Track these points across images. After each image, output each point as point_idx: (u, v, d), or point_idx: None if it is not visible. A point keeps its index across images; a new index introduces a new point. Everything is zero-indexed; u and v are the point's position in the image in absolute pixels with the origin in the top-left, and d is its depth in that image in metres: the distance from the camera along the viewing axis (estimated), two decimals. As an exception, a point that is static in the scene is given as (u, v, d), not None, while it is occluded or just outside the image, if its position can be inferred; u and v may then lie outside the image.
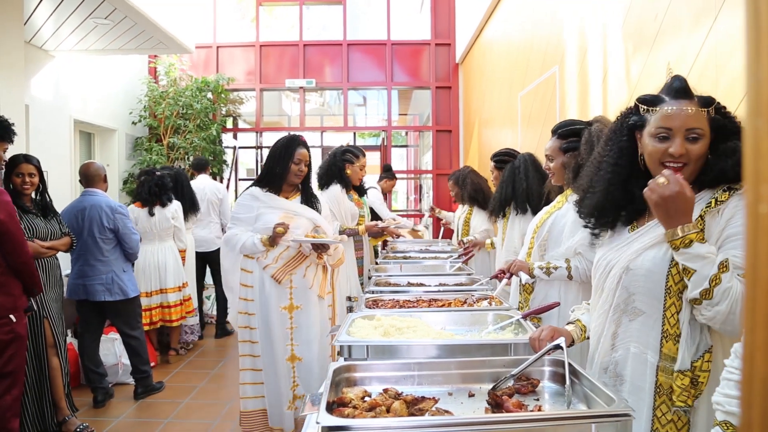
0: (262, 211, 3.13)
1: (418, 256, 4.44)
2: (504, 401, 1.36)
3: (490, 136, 6.42)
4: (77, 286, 4.07)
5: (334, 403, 1.35)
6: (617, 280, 1.50)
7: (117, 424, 3.80)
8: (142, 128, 7.58)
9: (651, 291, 1.43)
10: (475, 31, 6.78)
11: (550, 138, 2.46)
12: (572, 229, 2.30)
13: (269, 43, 8.27)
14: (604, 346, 1.55)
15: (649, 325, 1.44)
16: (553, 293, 2.39)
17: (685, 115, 1.40)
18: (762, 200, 0.37)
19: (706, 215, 1.38)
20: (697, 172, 1.43)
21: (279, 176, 3.16)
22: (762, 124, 0.37)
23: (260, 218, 3.12)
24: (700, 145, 1.40)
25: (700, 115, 1.40)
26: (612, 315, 1.52)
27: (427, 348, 1.77)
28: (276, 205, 3.15)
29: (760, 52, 0.36)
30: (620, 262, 1.50)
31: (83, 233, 4.01)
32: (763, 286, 0.37)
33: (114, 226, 4.07)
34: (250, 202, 3.16)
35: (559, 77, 4.01)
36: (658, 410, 1.41)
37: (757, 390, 0.37)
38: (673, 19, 2.52)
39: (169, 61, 7.50)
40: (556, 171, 2.43)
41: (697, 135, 1.39)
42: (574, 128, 2.37)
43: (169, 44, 5.68)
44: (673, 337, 1.39)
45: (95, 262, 4.06)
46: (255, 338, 3.18)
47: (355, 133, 9.17)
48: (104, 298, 4.06)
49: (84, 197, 4.14)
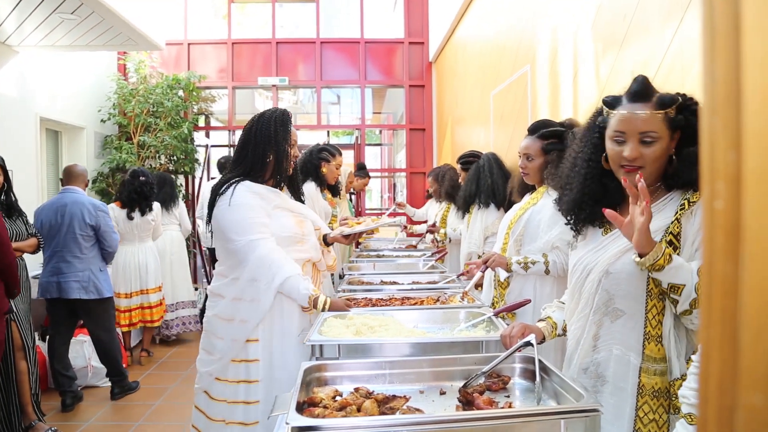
0: (273, 213, 2.29)
1: (391, 255, 4.45)
2: (475, 398, 1.36)
3: (463, 134, 6.45)
4: (50, 284, 3.98)
5: (305, 403, 1.34)
6: (596, 283, 1.51)
7: (87, 428, 3.73)
8: (112, 126, 7.43)
9: (632, 294, 1.44)
10: (448, 29, 6.81)
11: (526, 136, 2.46)
12: (549, 224, 2.34)
13: (241, 41, 8.18)
14: (585, 347, 1.55)
15: (630, 326, 1.45)
16: (528, 288, 2.41)
17: (638, 119, 1.41)
18: (717, 196, 0.37)
19: (682, 217, 1.39)
20: (659, 173, 1.45)
21: (276, 165, 2.32)
22: (717, 122, 0.37)
23: (273, 222, 2.28)
24: (655, 148, 1.40)
25: (654, 118, 1.40)
26: (593, 317, 1.53)
27: (398, 346, 1.77)
28: (286, 205, 2.35)
29: (715, 51, 0.36)
30: (599, 265, 1.51)
31: (62, 229, 3.96)
32: (719, 282, 0.38)
33: (96, 223, 4.04)
34: (257, 201, 2.25)
35: (530, 76, 4.05)
36: (641, 410, 1.42)
37: (713, 386, 0.38)
38: (641, 20, 2.56)
39: (139, 58, 7.36)
40: (532, 171, 2.43)
41: (651, 138, 1.40)
42: (556, 130, 2.39)
43: (139, 41, 5.57)
44: (654, 338, 1.41)
45: (72, 258, 3.99)
46: (253, 397, 2.20)
47: (328, 132, 9.13)
48: (79, 296, 3.98)
49: (65, 194, 4.09)
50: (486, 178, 3.48)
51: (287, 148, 2.32)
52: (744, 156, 0.36)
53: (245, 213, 2.20)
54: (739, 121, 0.35)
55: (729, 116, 0.36)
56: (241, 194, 2.23)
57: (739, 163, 0.36)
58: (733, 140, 0.36)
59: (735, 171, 0.36)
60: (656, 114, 1.40)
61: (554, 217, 2.26)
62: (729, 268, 0.37)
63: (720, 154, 0.37)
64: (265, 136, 2.30)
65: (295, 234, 2.31)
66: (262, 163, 2.30)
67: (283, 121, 2.34)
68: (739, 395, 0.36)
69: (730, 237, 0.37)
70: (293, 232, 2.31)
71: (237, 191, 2.23)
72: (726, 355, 0.37)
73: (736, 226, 0.36)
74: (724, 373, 0.37)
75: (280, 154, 2.30)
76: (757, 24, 0.34)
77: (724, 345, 0.37)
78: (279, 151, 2.30)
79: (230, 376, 2.22)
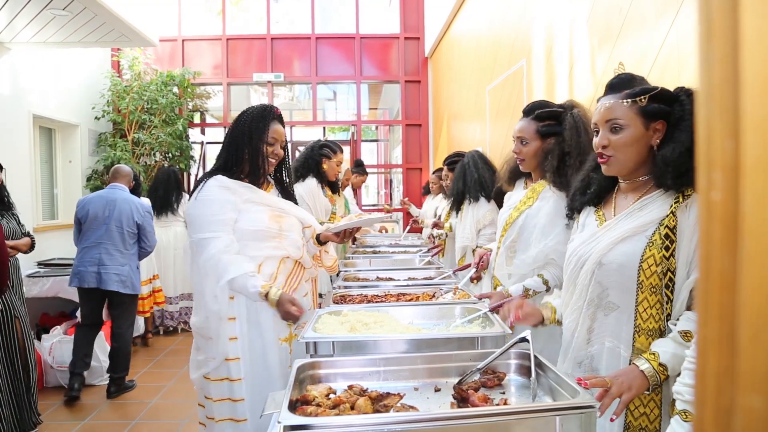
0: (244, 207, 2.22)
1: (387, 251, 4.43)
2: (469, 395, 1.35)
3: (459, 129, 6.43)
4: (89, 273, 4.05)
5: (298, 402, 1.33)
6: (590, 275, 1.50)
7: (84, 426, 3.71)
8: (106, 123, 7.40)
9: (624, 285, 1.43)
10: (443, 24, 6.78)
11: (521, 119, 2.28)
12: (543, 231, 2.17)
13: (236, 37, 8.15)
14: (579, 340, 1.55)
15: (623, 320, 1.45)
16: None
17: (604, 109, 1.47)
18: (714, 187, 0.35)
19: (677, 210, 1.38)
20: (636, 163, 1.46)
21: (251, 162, 2.26)
22: (714, 108, 0.35)
23: (243, 217, 2.22)
24: (621, 135, 1.44)
25: (618, 106, 1.44)
26: (587, 310, 1.52)
27: (393, 343, 1.75)
28: (260, 200, 2.26)
29: (711, 31, 0.34)
30: (592, 257, 1.50)
31: (109, 223, 4.12)
32: (716, 277, 0.36)
33: (142, 222, 4.26)
34: (225, 196, 2.20)
35: (526, 71, 4.03)
36: (631, 404, 1.41)
37: (710, 386, 0.36)
38: (637, 13, 2.54)
39: (133, 55, 7.33)
40: (528, 156, 2.22)
41: (618, 125, 1.44)
42: (553, 110, 2.19)
43: (132, 37, 5.54)
44: (645, 332, 1.40)
45: (116, 252, 4.13)
46: (238, 395, 2.18)
47: (324, 128, 9.11)
48: (117, 289, 4.09)
49: (114, 190, 4.28)
50: (472, 173, 3.55)
51: (262, 146, 2.26)
52: (742, 144, 0.34)
53: (205, 209, 2.18)
54: (737, 107, 0.33)
55: (726, 102, 0.34)
56: (209, 189, 2.20)
57: (737, 152, 0.34)
58: (730, 128, 0.34)
59: (733, 160, 0.34)
60: (621, 102, 1.44)
61: (550, 224, 2.13)
62: (727, 263, 0.35)
63: (717, 142, 0.35)
64: (241, 132, 2.27)
65: (268, 228, 2.24)
66: (236, 159, 2.27)
67: (261, 117, 2.28)
68: (737, 396, 0.34)
69: (728, 230, 0.35)
70: (266, 226, 2.23)
71: (206, 186, 2.21)
72: (724, 353, 0.35)
73: (735, 218, 0.34)
74: (721, 372, 0.35)
75: (254, 151, 2.25)
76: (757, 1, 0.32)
77: (721, 343, 0.36)
78: (253, 148, 2.25)
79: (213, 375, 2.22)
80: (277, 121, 2.32)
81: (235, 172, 2.27)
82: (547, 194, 2.18)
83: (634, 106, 1.43)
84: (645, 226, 1.39)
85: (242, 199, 2.21)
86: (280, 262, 2.26)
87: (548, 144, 2.17)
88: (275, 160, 2.33)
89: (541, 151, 2.18)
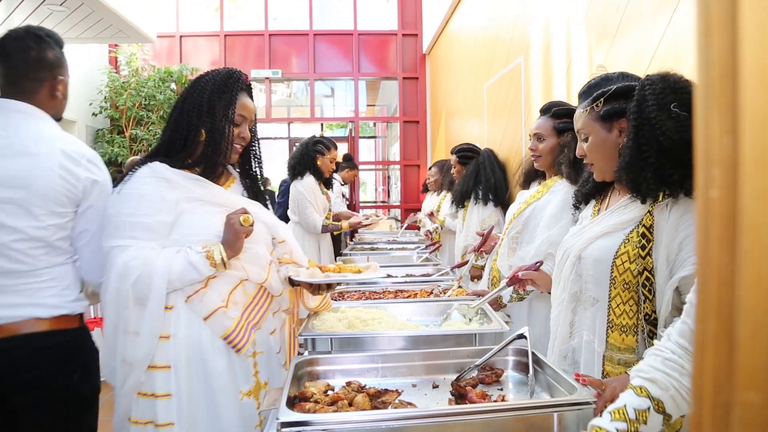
0: (187, 207, 1.61)
1: (385, 247, 4.43)
2: (467, 392, 1.35)
3: (457, 126, 6.43)
4: None
5: (296, 398, 1.33)
6: (571, 268, 1.52)
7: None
8: (104, 120, 7.38)
9: (599, 280, 1.44)
10: (441, 21, 6.77)
11: (538, 117, 2.33)
12: (548, 223, 2.17)
13: (234, 33, 8.13)
14: (562, 334, 1.56)
15: (598, 315, 1.45)
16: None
17: (574, 120, 1.53)
18: (712, 184, 0.35)
19: (654, 210, 1.36)
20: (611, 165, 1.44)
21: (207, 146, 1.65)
22: (712, 105, 0.35)
23: (184, 220, 1.60)
24: (589, 144, 1.48)
25: (579, 116, 1.50)
26: (568, 303, 1.54)
27: (391, 339, 1.75)
28: (213, 198, 1.65)
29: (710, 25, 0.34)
30: (574, 250, 1.52)
31: None
32: (715, 274, 0.36)
33: None
34: (159, 190, 1.58)
35: (524, 68, 4.02)
36: None
37: (707, 383, 0.36)
38: (634, 9, 2.53)
39: (131, 51, 7.31)
40: (544, 152, 2.25)
41: (583, 135, 1.49)
42: (569, 108, 2.20)
43: (130, 33, 5.52)
44: (618, 327, 1.40)
45: None
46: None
47: (322, 125, 9.10)
48: None
49: None
50: (489, 176, 3.54)
51: (226, 126, 1.65)
52: (741, 141, 0.34)
53: (124, 206, 1.56)
54: (736, 103, 0.33)
55: (725, 97, 0.34)
56: (139, 180, 1.58)
57: (735, 148, 0.34)
58: (729, 124, 0.34)
59: (731, 157, 0.34)
60: (581, 112, 1.49)
61: (556, 216, 2.12)
62: (725, 259, 0.35)
63: (715, 138, 0.35)
64: (197, 105, 1.64)
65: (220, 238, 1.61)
66: (185, 139, 1.64)
67: (225, 86, 1.66)
68: (735, 393, 0.34)
69: (726, 227, 0.35)
70: (217, 235, 1.60)
71: (136, 176, 1.60)
72: (721, 350, 0.35)
73: (733, 214, 0.34)
74: (719, 369, 0.35)
75: (214, 132, 1.64)
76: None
77: (719, 339, 0.36)
78: (213, 127, 1.63)
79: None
80: (246, 93, 1.74)
81: (180, 159, 1.65)
82: (558, 188, 2.20)
83: (592, 112, 1.45)
84: (625, 224, 1.40)
85: (185, 195, 1.60)
86: (235, 287, 1.64)
87: (565, 138, 2.20)
88: (241, 145, 1.73)
89: (557, 147, 2.23)
